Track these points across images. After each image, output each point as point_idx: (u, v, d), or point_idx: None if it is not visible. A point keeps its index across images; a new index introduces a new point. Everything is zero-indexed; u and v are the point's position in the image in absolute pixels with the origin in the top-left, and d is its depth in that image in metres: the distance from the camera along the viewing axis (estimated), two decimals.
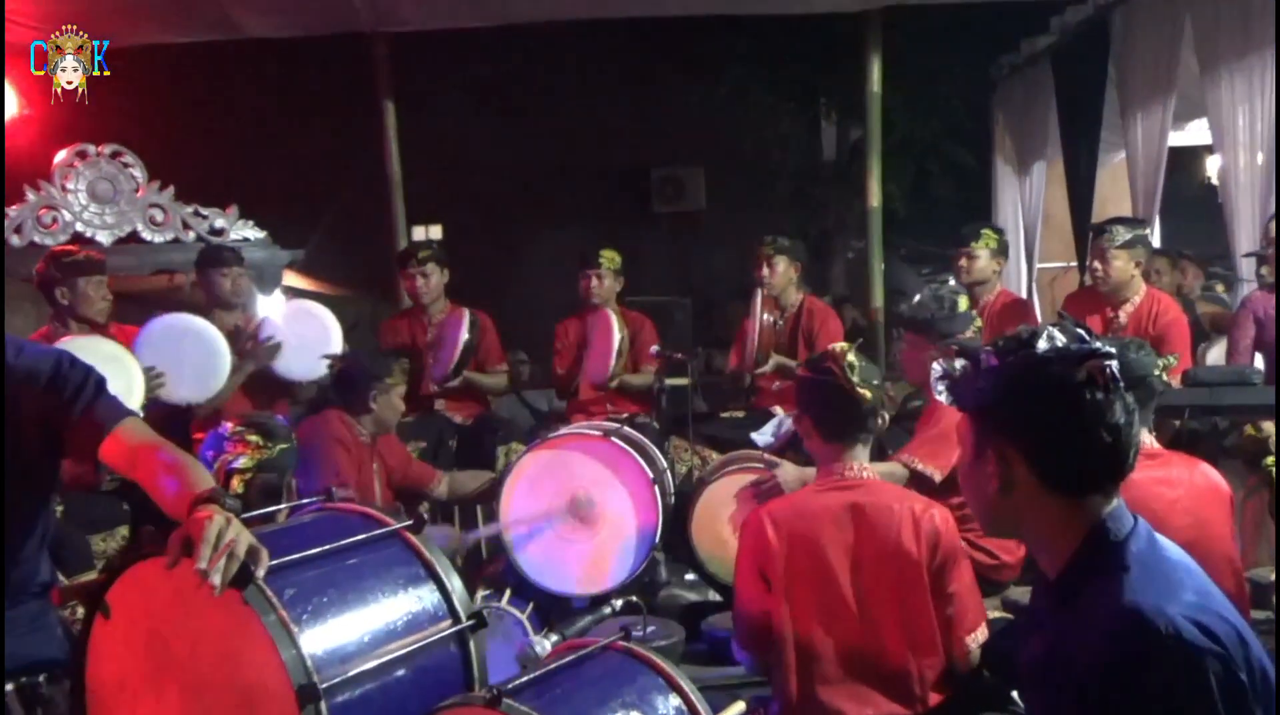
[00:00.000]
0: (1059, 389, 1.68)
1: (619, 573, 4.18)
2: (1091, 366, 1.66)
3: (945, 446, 3.91)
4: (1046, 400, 1.70)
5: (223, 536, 1.96)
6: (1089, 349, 1.69)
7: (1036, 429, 1.71)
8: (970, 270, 5.74)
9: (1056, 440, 1.70)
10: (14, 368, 2.36)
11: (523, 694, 2.02)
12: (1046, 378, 1.69)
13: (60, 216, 6.32)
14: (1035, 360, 1.71)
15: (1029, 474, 1.72)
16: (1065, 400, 1.68)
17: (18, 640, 2.38)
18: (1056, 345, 1.71)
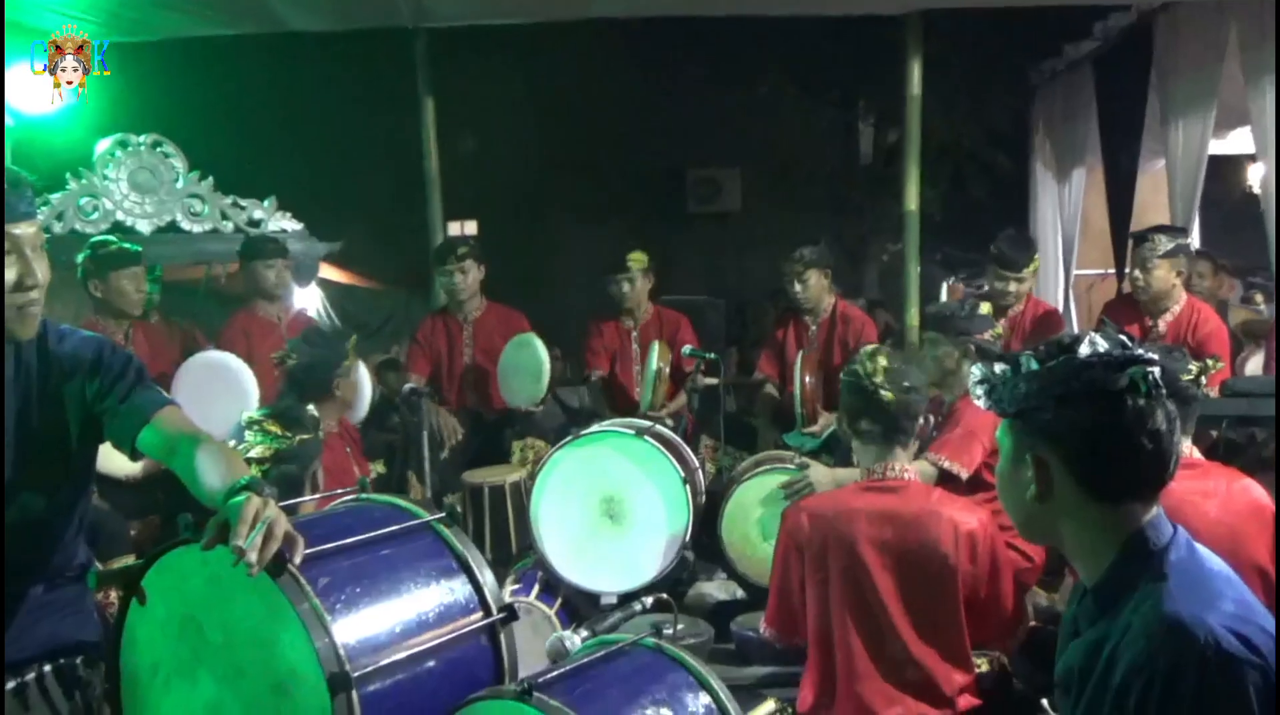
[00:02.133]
0: (1100, 394, 1.67)
1: (648, 570, 4.19)
2: (1134, 372, 1.65)
3: (970, 444, 3.94)
4: (1087, 405, 1.68)
5: (260, 518, 1.97)
6: (1131, 355, 1.68)
7: (1077, 435, 1.69)
8: (1017, 295, 5.60)
9: (1097, 446, 1.68)
10: (56, 354, 2.38)
11: (553, 688, 2.02)
12: (1088, 383, 1.68)
13: (101, 205, 6.39)
14: (1077, 365, 1.69)
15: (1068, 480, 1.71)
16: (1107, 406, 1.67)
17: (56, 623, 2.41)
18: (1098, 350, 1.69)
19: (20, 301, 2.20)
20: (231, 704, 2.15)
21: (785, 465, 4.29)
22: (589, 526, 4.24)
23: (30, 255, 2.20)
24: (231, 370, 4.96)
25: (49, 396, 2.36)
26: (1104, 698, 1.61)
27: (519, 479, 5.02)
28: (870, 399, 3.00)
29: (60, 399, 2.36)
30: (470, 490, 5.06)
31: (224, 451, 2.32)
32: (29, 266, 2.19)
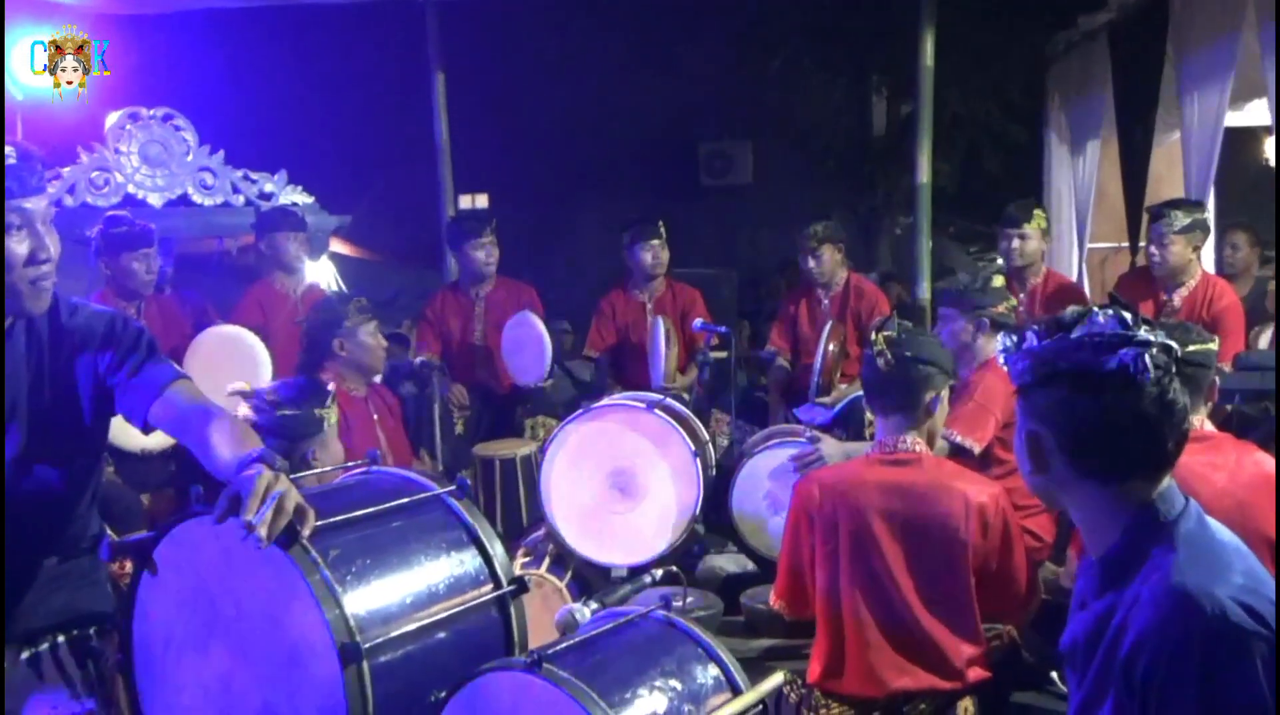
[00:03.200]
0: (1086, 377, 1.66)
1: (658, 544, 4.19)
2: (1124, 356, 1.63)
3: (983, 418, 3.94)
4: (1072, 387, 1.67)
5: (271, 491, 1.98)
6: (1123, 336, 1.66)
7: (1063, 416, 1.69)
8: (1022, 252, 5.56)
9: (1083, 429, 1.68)
10: (68, 327, 2.38)
11: (563, 659, 2.03)
12: (1075, 364, 1.67)
13: (112, 178, 6.39)
14: (1067, 344, 1.68)
15: (1060, 457, 1.71)
16: (1090, 387, 1.66)
17: (70, 594, 2.43)
18: (1091, 331, 1.68)
19: (33, 275, 2.21)
20: (243, 675, 2.18)
21: (796, 439, 4.29)
22: (599, 500, 4.24)
23: (41, 229, 2.20)
24: (244, 344, 4.97)
25: (61, 369, 2.37)
26: (1111, 668, 1.61)
27: (529, 452, 5.03)
28: (885, 373, 3.00)
29: (73, 372, 2.37)
30: (481, 463, 5.08)
31: (235, 424, 2.33)
32: (41, 240, 2.20)
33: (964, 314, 4.16)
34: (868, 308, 5.87)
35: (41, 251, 2.20)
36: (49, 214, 2.25)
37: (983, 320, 4.14)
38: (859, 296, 5.94)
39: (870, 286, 6.14)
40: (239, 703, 2.18)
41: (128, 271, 5.01)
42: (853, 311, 5.88)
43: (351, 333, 4.35)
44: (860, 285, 6.03)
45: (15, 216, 2.15)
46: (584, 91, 11.95)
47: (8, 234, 2.15)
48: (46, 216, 2.23)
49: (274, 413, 3.21)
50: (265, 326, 5.32)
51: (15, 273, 2.18)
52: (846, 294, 5.94)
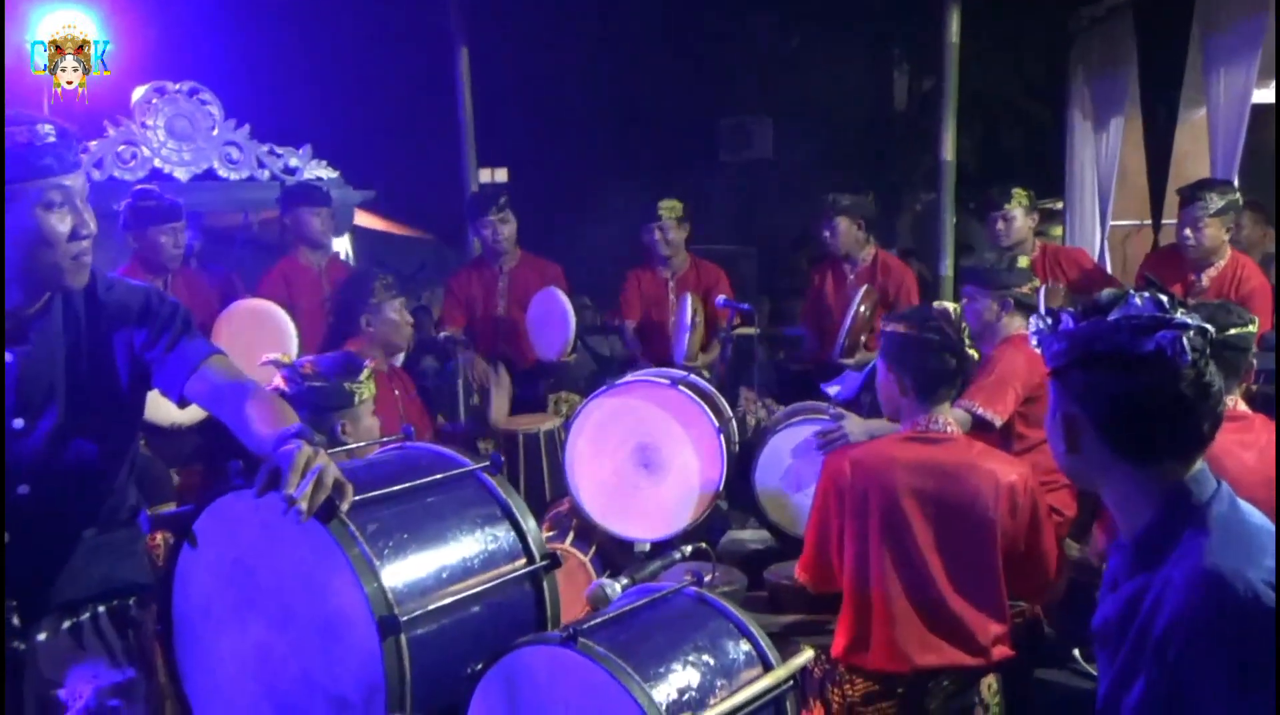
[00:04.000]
0: (1124, 359, 1.67)
1: (682, 519, 4.22)
2: (1161, 338, 1.65)
3: (1004, 391, 3.96)
4: (1111, 369, 1.69)
5: (310, 466, 2.01)
6: (1161, 319, 1.67)
7: (1101, 398, 1.70)
8: (1009, 233, 5.62)
9: (1119, 409, 1.69)
10: (105, 302, 2.41)
11: (598, 634, 2.06)
12: (1113, 347, 1.68)
13: (139, 152, 6.43)
14: (1105, 327, 1.70)
15: (1095, 440, 1.72)
16: (1130, 371, 1.67)
17: (110, 565, 2.46)
18: (1129, 314, 1.69)
19: (75, 251, 2.23)
20: (282, 645, 2.21)
21: (819, 416, 4.31)
22: (624, 475, 4.27)
23: (80, 205, 2.23)
24: (271, 318, 5.00)
25: (99, 344, 2.39)
26: (1143, 649, 1.63)
27: (553, 427, 5.06)
28: (950, 356, 3.00)
29: (110, 346, 2.40)
30: (505, 437, 5.11)
31: (272, 400, 2.35)
32: (81, 216, 2.22)
33: (990, 293, 4.20)
34: (895, 284, 5.88)
35: (83, 228, 2.22)
36: (86, 190, 2.27)
37: (1007, 300, 4.17)
38: (886, 272, 5.95)
39: (897, 263, 6.16)
40: (277, 673, 2.22)
41: (155, 245, 5.04)
42: (880, 287, 5.86)
43: (377, 308, 4.39)
44: (887, 262, 6.04)
45: (57, 193, 2.17)
46: (604, 66, 11.93)
47: (50, 210, 2.18)
48: (84, 192, 2.26)
49: (303, 384, 3.24)
50: (290, 301, 5.35)
51: (59, 249, 2.20)
52: (874, 270, 5.95)
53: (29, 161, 2.13)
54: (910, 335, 3.04)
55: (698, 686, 2.09)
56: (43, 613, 2.37)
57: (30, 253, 2.18)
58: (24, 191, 2.14)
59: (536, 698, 2.09)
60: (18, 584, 2.32)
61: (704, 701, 2.07)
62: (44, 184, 2.15)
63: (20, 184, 2.13)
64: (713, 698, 2.09)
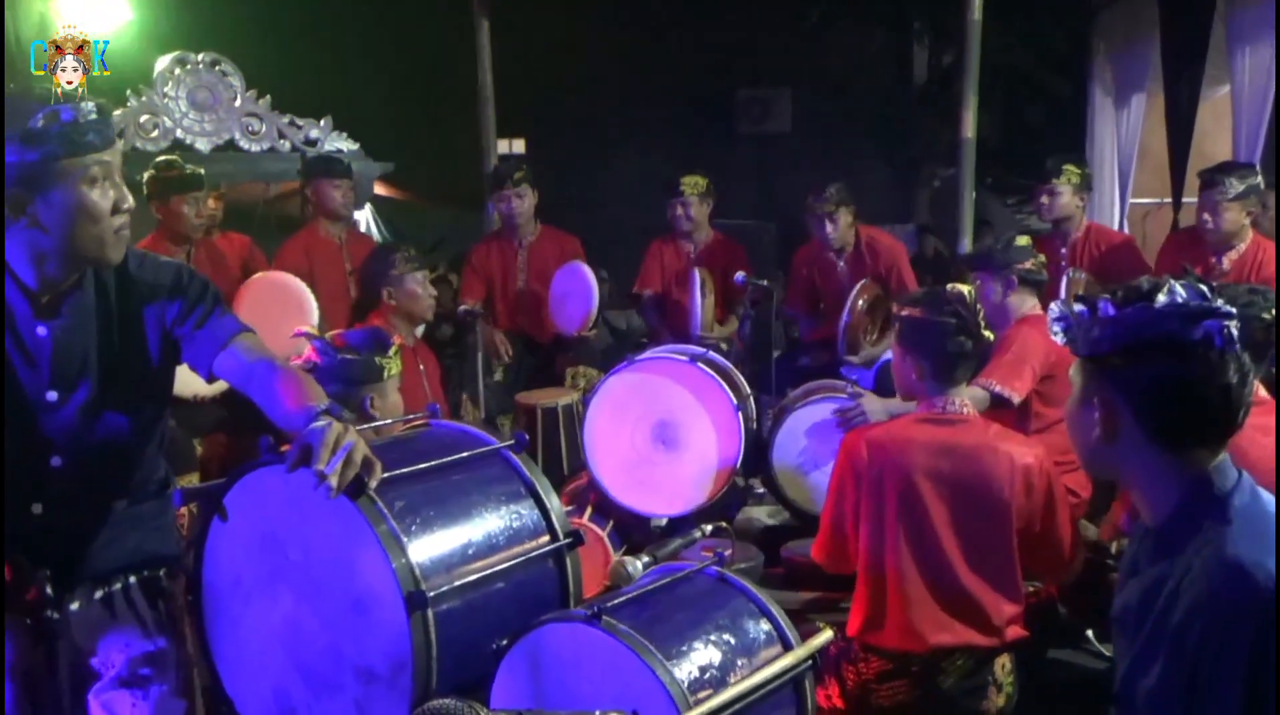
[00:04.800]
0: (1174, 346, 1.68)
1: (699, 496, 4.25)
2: (1210, 326, 1.66)
3: (1021, 368, 3.99)
4: (1160, 356, 1.70)
5: (341, 443, 2.04)
6: (1209, 307, 1.68)
7: (1147, 385, 1.71)
8: (1053, 207, 5.57)
9: (1166, 397, 1.70)
10: (136, 277, 2.44)
11: (621, 612, 2.10)
12: (1162, 333, 1.69)
13: (161, 123, 6.45)
14: (1152, 314, 1.70)
15: (1134, 426, 1.73)
16: (1179, 358, 1.68)
17: (141, 536, 2.50)
18: (1175, 301, 1.70)
19: (117, 224, 2.26)
20: (310, 618, 2.25)
21: (837, 394, 4.33)
22: (641, 451, 4.30)
23: (119, 180, 2.26)
24: (292, 290, 5.04)
25: (130, 319, 2.42)
26: (1162, 635, 1.66)
27: (571, 402, 5.09)
28: (966, 338, 3.01)
29: (141, 321, 2.43)
30: (523, 412, 5.14)
31: (301, 377, 2.38)
32: (121, 191, 2.25)
33: (994, 275, 4.22)
34: (886, 265, 5.72)
35: (123, 202, 2.25)
36: (122, 165, 2.30)
37: (1011, 278, 4.21)
38: (874, 254, 5.75)
39: (885, 240, 5.94)
40: (305, 644, 2.26)
41: (179, 215, 5.07)
42: (870, 270, 5.69)
43: (399, 281, 4.42)
44: (874, 242, 5.81)
45: (99, 169, 2.20)
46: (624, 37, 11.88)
47: (94, 186, 2.20)
48: (121, 168, 2.28)
49: (335, 356, 3.27)
50: (311, 273, 5.38)
51: (103, 224, 2.23)
52: (859, 254, 5.76)
53: (73, 139, 2.15)
54: (926, 319, 3.05)
55: (719, 665, 2.13)
56: (75, 583, 2.41)
57: (76, 228, 2.21)
58: (70, 168, 2.17)
59: (560, 674, 2.13)
60: (51, 554, 2.36)
61: (724, 680, 2.11)
62: (88, 160, 2.18)
63: (66, 160, 2.16)
64: (733, 676, 2.13)
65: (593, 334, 5.77)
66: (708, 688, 2.07)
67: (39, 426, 2.32)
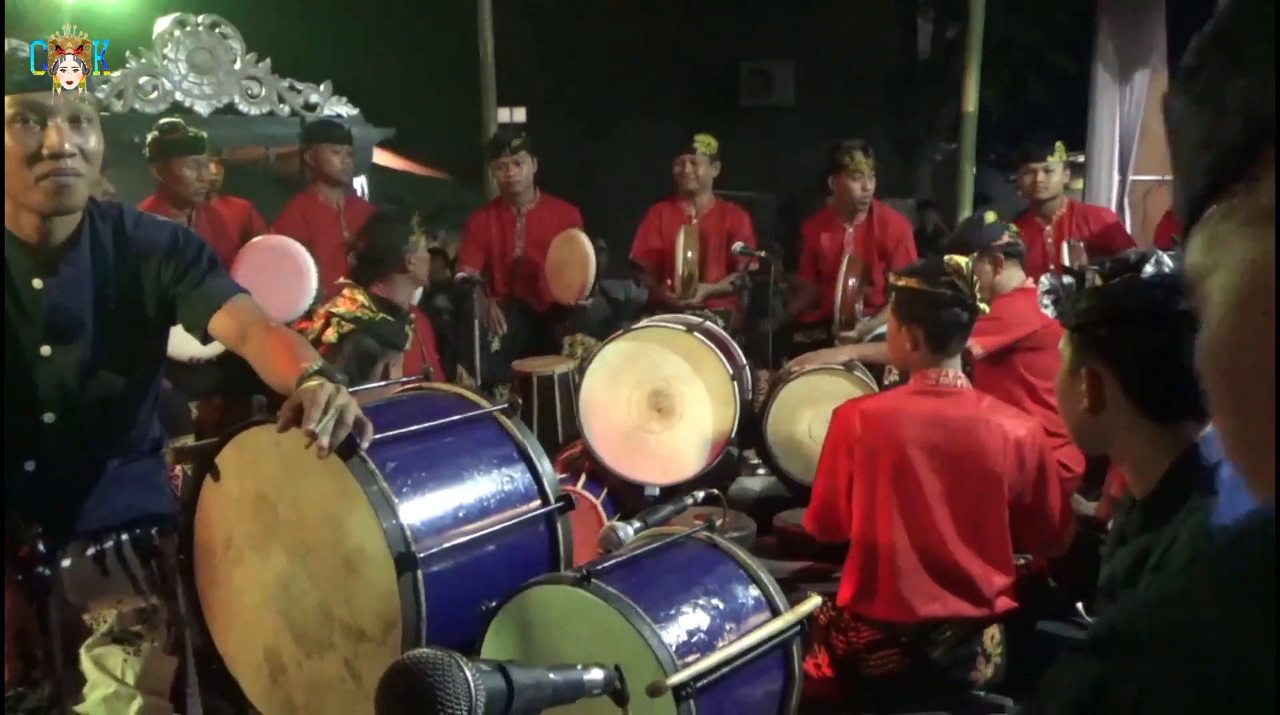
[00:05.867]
0: (1159, 317, 1.69)
1: (693, 465, 4.27)
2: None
3: (992, 326, 3.96)
4: (1145, 327, 1.71)
5: (332, 403, 2.04)
6: None
7: (1132, 355, 1.72)
8: (1048, 186, 5.54)
9: (1152, 368, 1.71)
10: (134, 237, 2.44)
11: (610, 575, 2.11)
12: (1148, 304, 1.70)
13: (160, 85, 6.43)
14: (1139, 285, 1.71)
15: (1121, 397, 1.74)
16: (1165, 329, 1.69)
17: (133, 495, 2.51)
18: (1163, 272, 1.71)
19: (45, 170, 2.18)
20: (301, 578, 2.26)
21: (833, 364, 4.35)
22: (637, 420, 4.31)
23: (61, 124, 2.17)
24: (292, 255, 5.03)
25: (126, 278, 2.42)
26: None
27: (567, 370, 5.09)
28: (961, 310, 3.01)
29: (137, 281, 2.43)
30: (519, 379, 5.14)
31: (295, 339, 2.39)
32: (58, 137, 2.16)
33: (979, 257, 4.20)
34: (894, 238, 5.75)
35: (57, 149, 2.16)
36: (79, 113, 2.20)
37: (997, 256, 4.21)
38: (884, 227, 5.78)
39: (896, 216, 5.98)
40: (296, 603, 2.27)
41: (179, 178, 5.05)
42: (878, 242, 5.74)
43: (414, 248, 4.44)
44: (885, 214, 5.85)
45: (21, 108, 2.13)
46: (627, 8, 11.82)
47: (22, 126, 2.14)
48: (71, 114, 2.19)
49: (376, 316, 3.31)
50: (309, 238, 5.36)
51: (26, 167, 2.16)
52: (871, 223, 5.79)
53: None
54: (923, 291, 3.05)
55: (706, 629, 2.14)
56: (68, 539, 2.42)
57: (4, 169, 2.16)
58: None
59: (549, 636, 2.14)
60: (43, 511, 2.37)
61: (712, 644, 2.12)
62: (12, 100, 2.12)
63: None
64: (721, 640, 2.14)
65: (589, 303, 5.77)
66: (695, 651, 2.08)
67: (32, 381, 2.33)
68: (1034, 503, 2.97)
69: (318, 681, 2.27)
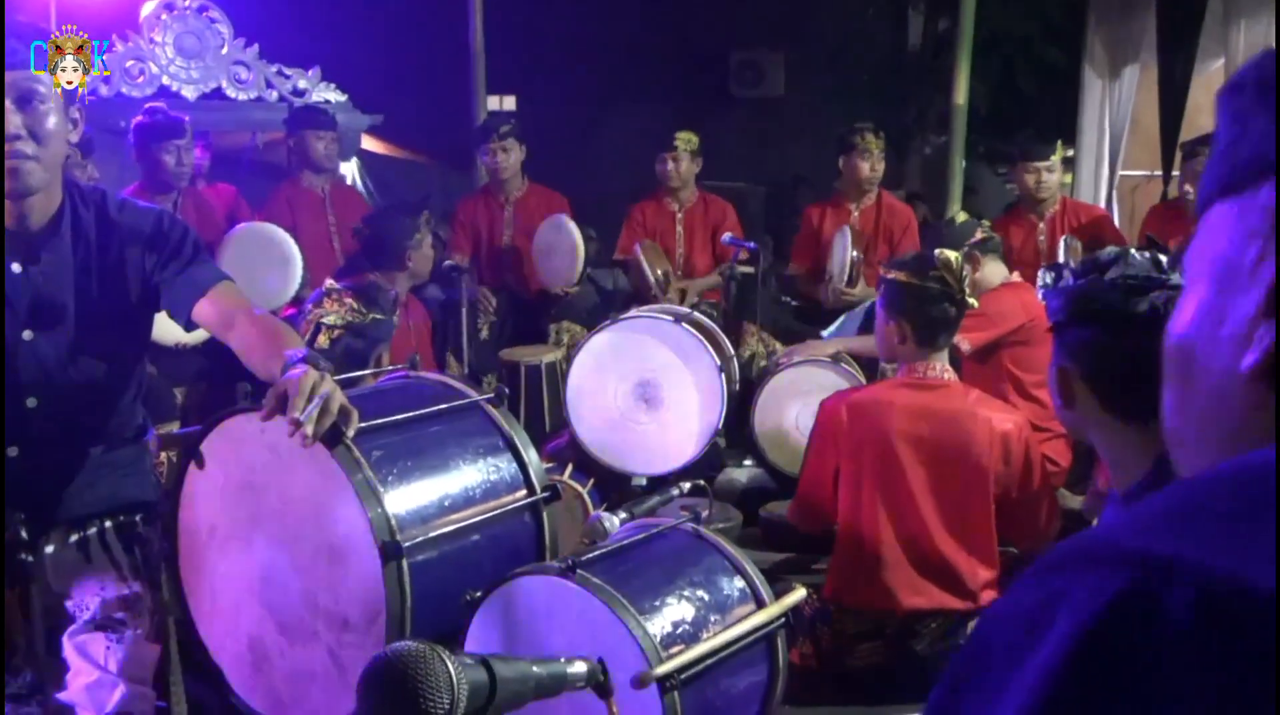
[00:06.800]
0: (1117, 318, 1.70)
1: (680, 455, 4.27)
2: (1155, 298, 1.67)
3: (979, 322, 3.96)
4: (1103, 327, 1.71)
5: (317, 390, 2.03)
6: (1156, 279, 1.69)
7: (1092, 355, 1.73)
8: (1048, 185, 5.57)
9: (1111, 368, 1.72)
10: (118, 222, 2.42)
11: (595, 566, 2.11)
12: (1107, 305, 1.71)
13: (147, 69, 6.39)
14: (1100, 287, 1.72)
15: (1089, 394, 1.76)
16: (1122, 330, 1.70)
17: (117, 482, 2.50)
18: (1125, 273, 1.71)
19: None
20: (285, 565, 2.25)
21: (820, 357, 4.35)
22: (624, 410, 4.31)
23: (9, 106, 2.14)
24: (278, 242, 5.01)
25: (109, 264, 2.40)
26: None
27: (555, 359, 5.08)
28: (950, 305, 3.01)
29: (120, 266, 2.41)
30: (506, 368, 5.14)
31: (279, 327, 2.38)
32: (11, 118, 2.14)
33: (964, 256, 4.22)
34: (900, 227, 5.81)
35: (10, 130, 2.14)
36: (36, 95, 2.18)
37: (973, 254, 4.20)
38: (891, 213, 5.85)
39: (901, 206, 6.07)
40: (281, 591, 2.27)
41: (158, 163, 5.02)
42: (884, 228, 5.80)
43: (418, 244, 4.44)
44: (892, 203, 5.95)
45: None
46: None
47: None
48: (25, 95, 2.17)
49: (367, 316, 3.30)
50: (294, 224, 5.34)
51: None
52: (878, 210, 5.84)
53: None
54: (911, 284, 3.05)
55: (691, 620, 2.14)
56: (51, 526, 2.41)
57: None
58: None
59: (534, 626, 2.13)
60: (26, 497, 2.35)
61: (697, 635, 2.12)
62: None
63: None
64: (706, 632, 2.14)
65: (576, 290, 5.76)
66: (680, 642, 2.08)
67: (14, 365, 2.31)
68: (1020, 497, 2.98)
69: (301, 670, 2.27)
